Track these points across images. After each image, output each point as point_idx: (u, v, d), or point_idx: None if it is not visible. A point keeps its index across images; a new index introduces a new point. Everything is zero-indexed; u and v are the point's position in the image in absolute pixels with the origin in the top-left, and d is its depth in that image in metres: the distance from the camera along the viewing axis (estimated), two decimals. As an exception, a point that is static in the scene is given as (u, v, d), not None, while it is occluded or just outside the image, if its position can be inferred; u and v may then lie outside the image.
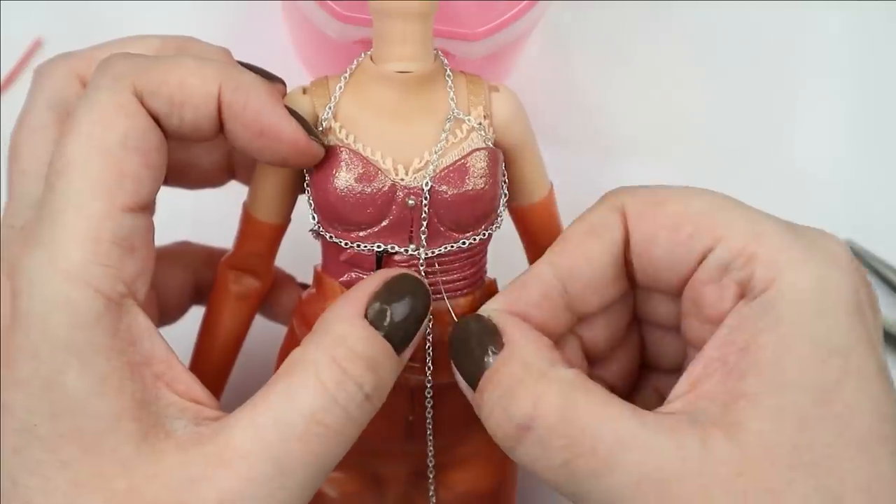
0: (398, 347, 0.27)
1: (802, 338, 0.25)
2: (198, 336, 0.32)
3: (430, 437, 0.31)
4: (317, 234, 0.30)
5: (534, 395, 0.25)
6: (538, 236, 0.32)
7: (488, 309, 0.28)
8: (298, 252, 0.33)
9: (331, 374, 0.25)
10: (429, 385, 0.30)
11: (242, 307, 0.32)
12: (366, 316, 0.26)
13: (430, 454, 0.31)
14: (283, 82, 0.29)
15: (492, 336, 0.27)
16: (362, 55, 0.29)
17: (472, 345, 0.27)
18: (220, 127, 0.27)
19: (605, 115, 0.49)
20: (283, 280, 0.35)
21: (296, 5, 0.40)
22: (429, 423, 0.30)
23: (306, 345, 0.26)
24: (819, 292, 0.25)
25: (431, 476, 0.32)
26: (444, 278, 0.29)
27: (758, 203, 0.47)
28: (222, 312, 0.32)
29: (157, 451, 0.24)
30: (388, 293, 0.27)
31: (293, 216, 0.31)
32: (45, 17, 0.50)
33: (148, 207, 0.26)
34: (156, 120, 0.26)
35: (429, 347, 0.29)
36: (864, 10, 0.52)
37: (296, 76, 0.30)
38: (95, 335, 0.23)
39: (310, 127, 0.27)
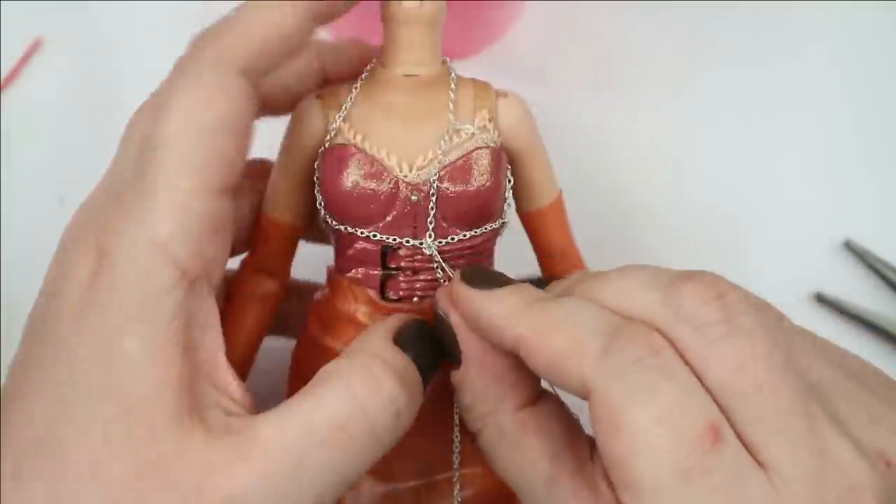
0: (423, 378, 0.28)
1: None
2: None
3: (457, 434, 0.31)
4: (325, 224, 0.31)
5: (475, 427, 0.27)
6: (546, 241, 0.33)
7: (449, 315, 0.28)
8: (314, 261, 0.33)
9: (363, 384, 0.25)
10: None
11: (259, 308, 0.32)
12: (396, 341, 0.27)
13: (455, 449, 0.31)
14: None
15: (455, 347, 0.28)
16: (374, 61, 0.31)
17: (446, 342, 0.28)
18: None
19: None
20: (299, 288, 0.35)
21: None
22: (456, 421, 0.31)
23: (340, 359, 0.27)
24: None
25: (457, 473, 0.32)
26: (446, 282, 0.30)
27: (758, 203, 0.47)
28: (243, 314, 0.32)
29: (187, 430, 0.24)
30: (413, 328, 0.28)
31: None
32: (45, 17, 0.50)
33: (233, 190, 0.27)
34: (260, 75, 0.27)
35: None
36: (864, 10, 0.52)
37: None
38: (162, 306, 0.24)
39: None
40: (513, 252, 0.32)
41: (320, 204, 0.30)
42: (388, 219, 0.29)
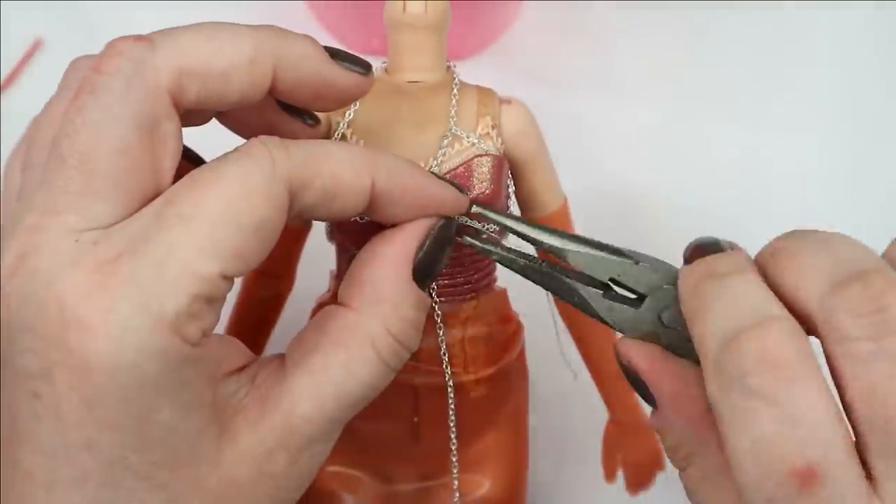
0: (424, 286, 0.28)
1: None
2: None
3: (454, 439, 0.31)
4: (330, 237, 0.31)
5: (679, 465, 0.27)
6: None
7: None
8: (319, 259, 0.33)
9: (387, 347, 0.26)
10: (450, 385, 0.30)
11: (265, 309, 0.33)
12: (413, 272, 0.27)
13: (453, 449, 0.31)
14: (370, 66, 0.28)
15: None
16: (380, 63, 0.30)
17: (638, 388, 0.27)
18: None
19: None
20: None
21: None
22: (451, 421, 0.31)
23: (360, 311, 0.26)
24: None
25: (455, 471, 0.32)
26: (445, 281, 0.30)
27: (758, 203, 0.47)
28: (249, 316, 0.33)
29: (232, 435, 0.25)
30: (430, 245, 0.27)
31: (316, 224, 0.32)
32: (45, 17, 0.50)
33: None
34: (300, 208, 0.25)
35: (444, 348, 0.30)
36: (863, 10, 0.52)
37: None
38: (183, 373, 0.23)
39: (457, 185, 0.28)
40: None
41: None
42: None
